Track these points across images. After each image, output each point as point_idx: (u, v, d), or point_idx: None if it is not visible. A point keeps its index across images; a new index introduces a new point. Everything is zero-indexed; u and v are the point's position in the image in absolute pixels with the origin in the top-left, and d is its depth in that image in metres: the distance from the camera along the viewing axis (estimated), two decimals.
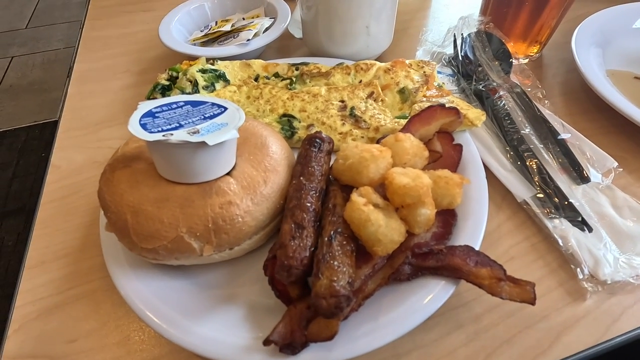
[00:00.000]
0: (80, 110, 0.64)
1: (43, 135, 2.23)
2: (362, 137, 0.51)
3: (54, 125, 2.07)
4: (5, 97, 2.44)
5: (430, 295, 0.35)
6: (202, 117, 0.38)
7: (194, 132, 0.35)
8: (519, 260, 0.43)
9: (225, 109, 0.39)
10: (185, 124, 0.36)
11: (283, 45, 0.75)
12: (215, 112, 0.39)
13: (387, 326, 0.34)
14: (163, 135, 0.33)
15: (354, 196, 0.35)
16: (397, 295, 0.36)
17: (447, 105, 0.47)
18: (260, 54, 0.70)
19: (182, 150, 0.34)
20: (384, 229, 0.34)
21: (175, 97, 0.40)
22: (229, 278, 0.41)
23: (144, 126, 0.35)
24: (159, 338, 0.39)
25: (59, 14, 3.10)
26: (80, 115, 0.63)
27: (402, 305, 0.35)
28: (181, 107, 0.39)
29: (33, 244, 0.47)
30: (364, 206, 0.34)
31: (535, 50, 0.66)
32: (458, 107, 0.49)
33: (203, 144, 0.33)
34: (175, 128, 0.35)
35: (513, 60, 0.59)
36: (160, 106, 0.38)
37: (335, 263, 0.33)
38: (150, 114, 0.37)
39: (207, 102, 0.40)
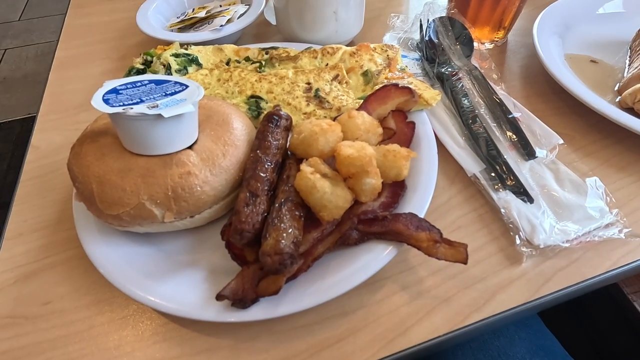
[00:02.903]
0: (60, 95, 0.66)
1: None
2: (325, 116, 0.53)
3: None
4: None
5: (375, 256, 0.38)
6: (164, 94, 0.40)
7: (153, 107, 0.37)
8: (465, 229, 0.46)
9: (187, 86, 0.42)
10: (147, 99, 0.39)
11: (260, 32, 0.77)
12: (177, 90, 0.41)
13: (332, 284, 0.37)
14: (123, 109, 0.36)
15: (303, 166, 0.38)
16: (344, 258, 0.39)
17: (394, 83, 0.50)
18: (236, 40, 0.72)
19: (141, 122, 0.37)
20: (329, 196, 0.37)
21: (141, 77, 0.43)
22: (192, 245, 0.44)
23: (106, 101, 0.37)
24: (127, 300, 0.42)
25: (52, 6, 3.09)
26: (60, 100, 0.65)
27: (348, 267, 0.38)
28: (145, 85, 0.41)
29: (12, 217, 0.50)
30: (311, 174, 0.37)
31: (500, 36, 0.69)
32: (414, 88, 0.51)
33: (159, 116, 0.36)
34: (136, 103, 0.38)
35: (475, 45, 0.61)
36: (125, 84, 0.41)
37: (283, 225, 0.35)
38: (114, 91, 0.39)
39: (170, 81, 0.43)
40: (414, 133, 0.48)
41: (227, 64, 0.61)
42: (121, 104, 0.37)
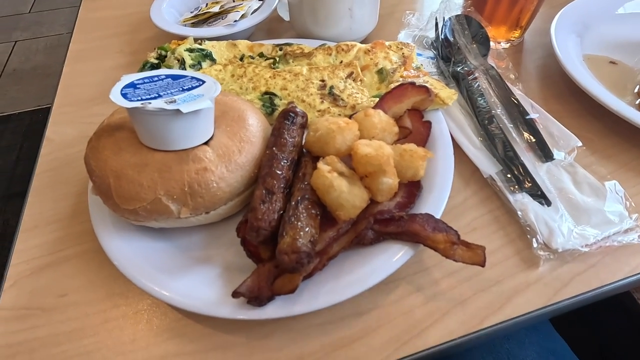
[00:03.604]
0: (73, 87, 0.66)
1: (46, 120, 2.25)
2: (340, 114, 0.53)
3: None
4: (9, 81, 2.47)
5: (391, 257, 0.38)
6: (181, 89, 0.40)
7: (171, 102, 0.37)
8: (481, 231, 0.45)
9: (203, 82, 0.42)
10: (164, 94, 0.39)
11: (273, 28, 0.76)
12: (194, 85, 0.41)
13: (348, 285, 0.37)
14: (141, 104, 0.36)
15: (320, 164, 0.38)
16: (359, 258, 0.39)
17: (411, 82, 0.49)
18: (249, 35, 0.72)
19: (159, 117, 0.36)
20: (347, 195, 0.37)
21: (158, 71, 0.42)
22: (206, 241, 0.44)
23: (124, 95, 0.37)
24: (141, 294, 0.42)
25: None
26: (73, 93, 0.66)
27: (364, 266, 0.38)
28: (162, 79, 0.41)
29: (27, 210, 0.50)
30: (328, 173, 0.37)
31: (517, 35, 0.68)
32: (430, 87, 0.51)
33: (178, 111, 0.36)
34: (154, 98, 0.38)
35: (491, 44, 0.61)
36: (143, 79, 0.41)
37: (299, 224, 0.35)
38: (132, 85, 0.39)
39: (186, 76, 0.42)
40: (430, 132, 0.48)
41: (241, 59, 0.61)
42: (139, 98, 0.37)
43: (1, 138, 2.18)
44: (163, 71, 0.43)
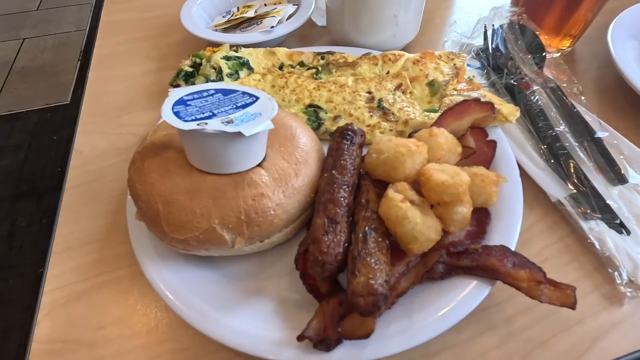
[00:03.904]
0: (100, 95, 0.63)
1: (54, 119, 2.23)
2: (391, 130, 0.49)
3: (65, 108, 2.07)
4: (17, 79, 2.44)
5: (466, 295, 0.35)
6: (234, 106, 0.37)
7: (228, 122, 0.34)
8: (553, 261, 0.42)
9: (257, 98, 0.38)
10: (218, 112, 0.35)
11: (304, 33, 0.73)
12: (247, 102, 0.38)
13: (420, 326, 0.34)
14: (198, 124, 0.33)
15: (391, 192, 0.35)
16: (430, 294, 0.36)
17: (476, 98, 0.45)
18: (281, 41, 0.68)
19: (217, 140, 0.33)
20: (421, 227, 0.33)
21: (205, 85, 0.39)
22: (256, 270, 0.40)
23: (177, 114, 0.34)
24: (187, 329, 0.38)
25: None
26: (101, 101, 0.62)
27: (436, 305, 0.35)
28: (212, 95, 0.38)
29: (59, 229, 0.47)
30: (401, 202, 0.33)
31: (568, 44, 0.64)
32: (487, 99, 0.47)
33: (239, 134, 0.32)
34: (209, 117, 0.34)
35: (547, 54, 0.57)
36: (192, 94, 0.37)
37: (372, 260, 0.32)
38: (182, 101, 0.36)
39: (237, 91, 0.39)
40: (495, 153, 0.44)
41: (280, 68, 0.57)
42: (193, 117, 0.34)
43: (9, 137, 2.16)
44: (211, 85, 0.39)
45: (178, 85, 0.55)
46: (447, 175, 0.34)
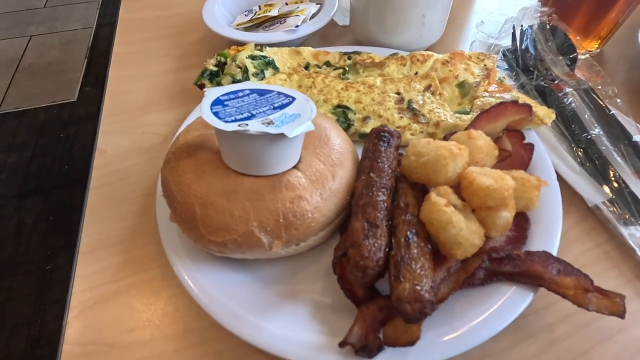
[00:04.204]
0: (121, 95, 0.63)
1: (61, 116, 2.23)
2: (421, 132, 0.49)
3: (72, 106, 2.06)
4: (24, 76, 2.45)
5: (508, 302, 0.34)
6: (272, 107, 0.36)
7: (268, 123, 0.33)
8: (591, 268, 0.41)
9: (293, 98, 0.38)
10: (257, 113, 0.34)
11: (325, 33, 0.72)
12: (284, 102, 0.37)
13: (463, 333, 0.33)
14: (239, 125, 0.32)
15: (433, 196, 0.34)
16: (470, 300, 0.35)
17: (514, 100, 0.44)
18: (303, 41, 0.67)
19: (258, 141, 0.32)
20: (465, 232, 0.33)
21: (240, 85, 0.38)
22: (290, 273, 0.39)
23: (216, 114, 0.33)
24: (218, 332, 0.38)
25: None
26: (122, 100, 0.62)
27: (478, 312, 0.34)
28: (248, 95, 0.37)
29: (85, 230, 0.46)
30: (445, 207, 0.33)
31: (596, 46, 0.63)
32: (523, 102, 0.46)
33: (281, 135, 0.32)
34: (248, 118, 0.34)
35: (579, 55, 0.56)
36: (228, 94, 0.36)
37: (417, 266, 0.31)
38: (219, 102, 0.35)
39: (273, 91, 0.38)
40: (532, 156, 0.43)
41: (306, 68, 0.57)
42: (233, 118, 0.33)
43: (16, 134, 2.16)
44: (246, 85, 0.38)
45: (203, 85, 0.55)
46: (492, 179, 0.34)
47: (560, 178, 0.46)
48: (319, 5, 0.67)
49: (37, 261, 1.55)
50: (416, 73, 0.54)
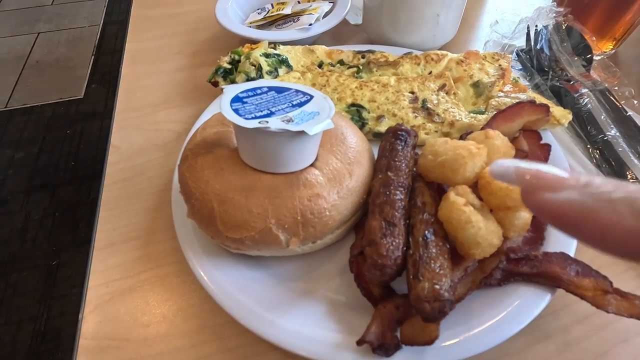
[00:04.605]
0: (135, 91, 0.63)
1: (68, 113, 2.25)
2: (436, 131, 0.49)
3: (79, 102, 2.07)
4: (31, 73, 2.47)
5: (526, 303, 0.34)
6: (290, 104, 0.36)
7: (288, 121, 0.33)
8: (607, 270, 0.40)
9: (311, 96, 0.38)
10: (276, 111, 0.35)
11: (337, 31, 0.72)
12: (302, 100, 0.37)
13: (480, 333, 0.33)
14: (259, 122, 0.32)
15: (452, 195, 0.34)
16: (487, 301, 0.35)
17: (531, 100, 0.44)
18: (315, 39, 0.67)
19: (278, 139, 0.32)
20: (484, 232, 0.32)
21: (258, 82, 0.38)
22: (305, 271, 0.39)
23: (236, 111, 0.33)
24: (235, 328, 0.38)
25: None
26: (135, 97, 0.62)
27: (495, 312, 0.34)
28: (266, 92, 0.37)
29: (100, 225, 0.46)
30: (464, 206, 0.33)
31: (611, 47, 0.62)
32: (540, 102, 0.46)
33: (301, 133, 0.32)
34: (268, 115, 0.34)
35: (594, 56, 0.55)
36: (246, 91, 0.37)
37: (436, 265, 0.31)
38: (238, 99, 0.35)
39: (290, 89, 0.38)
40: (549, 157, 0.43)
41: (319, 66, 0.57)
42: (253, 116, 0.33)
43: (23, 130, 2.18)
44: (263, 82, 0.39)
45: (216, 83, 0.55)
46: None
47: None
48: (331, 4, 0.67)
49: (43, 257, 1.56)
50: (430, 72, 0.54)
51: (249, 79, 0.53)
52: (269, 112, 0.34)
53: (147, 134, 0.56)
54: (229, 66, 0.55)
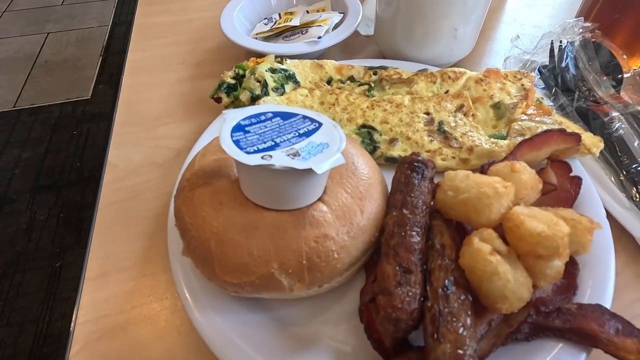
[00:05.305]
0: (135, 104, 0.60)
1: (75, 113, 2.25)
2: (454, 157, 0.45)
3: (86, 103, 2.07)
4: (40, 73, 2.47)
5: None
6: (297, 133, 0.33)
7: (294, 155, 0.30)
8: None
9: (320, 124, 0.34)
10: (281, 142, 0.31)
11: (348, 43, 0.68)
12: (310, 129, 0.34)
13: None
14: (262, 157, 0.29)
15: (476, 241, 0.30)
16: (514, 358, 0.31)
17: (561, 129, 0.40)
18: (323, 52, 0.64)
19: (283, 176, 0.29)
20: (512, 285, 0.29)
21: (262, 107, 0.35)
22: (310, 314, 0.36)
23: (237, 143, 0.30)
24: None
25: None
26: (135, 110, 0.59)
27: None
28: (270, 119, 0.34)
29: (92, 253, 0.44)
30: (490, 256, 0.29)
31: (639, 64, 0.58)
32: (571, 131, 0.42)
33: (309, 171, 0.28)
34: (272, 147, 0.30)
35: (625, 75, 0.51)
36: (249, 117, 0.33)
37: (458, 324, 0.27)
38: (240, 128, 0.32)
39: (297, 115, 0.35)
40: (579, 191, 0.39)
41: (328, 83, 0.53)
42: (255, 148, 0.30)
43: (31, 130, 2.18)
44: (268, 108, 0.35)
45: (219, 99, 0.52)
46: (543, 224, 0.30)
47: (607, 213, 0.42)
48: (342, 14, 0.64)
49: (47, 258, 1.55)
50: (447, 91, 0.51)
51: (253, 97, 0.50)
52: (273, 143, 0.31)
53: (146, 151, 0.53)
54: (232, 81, 0.52)
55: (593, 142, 0.43)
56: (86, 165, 1.97)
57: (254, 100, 0.50)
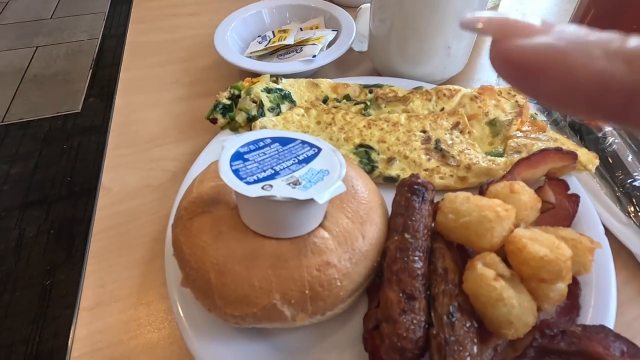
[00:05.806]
0: (129, 124, 0.59)
1: (65, 127, 2.23)
2: (451, 175, 0.45)
3: (76, 117, 2.05)
4: (29, 87, 2.45)
5: None
6: (296, 160, 0.32)
7: (294, 183, 0.30)
8: None
9: (319, 149, 0.34)
10: (281, 170, 0.31)
11: (341, 59, 0.69)
12: (309, 154, 0.33)
13: None
14: (263, 188, 0.28)
15: (479, 266, 0.30)
16: None
17: (557, 148, 0.41)
18: (317, 70, 0.64)
19: (284, 206, 0.29)
20: (518, 310, 0.29)
21: (260, 133, 0.35)
22: (312, 341, 0.36)
23: (236, 173, 0.30)
24: None
25: (83, 5, 3.11)
26: (129, 131, 0.58)
27: None
28: (269, 145, 0.34)
29: (86, 281, 0.42)
30: (494, 281, 0.29)
31: None
32: (565, 147, 0.43)
33: (311, 200, 0.28)
34: (272, 176, 0.30)
35: None
36: (247, 144, 0.33)
37: (465, 354, 0.27)
38: (239, 156, 0.32)
39: (296, 140, 0.35)
40: (577, 209, 0.40)
41: (324, 102, 0.53)
42: (255, 178, 0.29)
43: (20, 144, 2.15)
44: (266, 133, 0.35)
45: (215, 119, 0.51)
46: (546, 248, 0.30)
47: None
48: (335, 32, 0.64)
49: (37, 275, 1.52)
50: (442, 109, 0.51)
51: (249, 117, 0.50)
52: (273, 171, 0.31)
53: (140, 174, 0.53)
54: (228, 102, 0.52)
55: (589, 158, 0.43)
56: (77, 179, 1.94)
57: (250, 121, 0.50)
